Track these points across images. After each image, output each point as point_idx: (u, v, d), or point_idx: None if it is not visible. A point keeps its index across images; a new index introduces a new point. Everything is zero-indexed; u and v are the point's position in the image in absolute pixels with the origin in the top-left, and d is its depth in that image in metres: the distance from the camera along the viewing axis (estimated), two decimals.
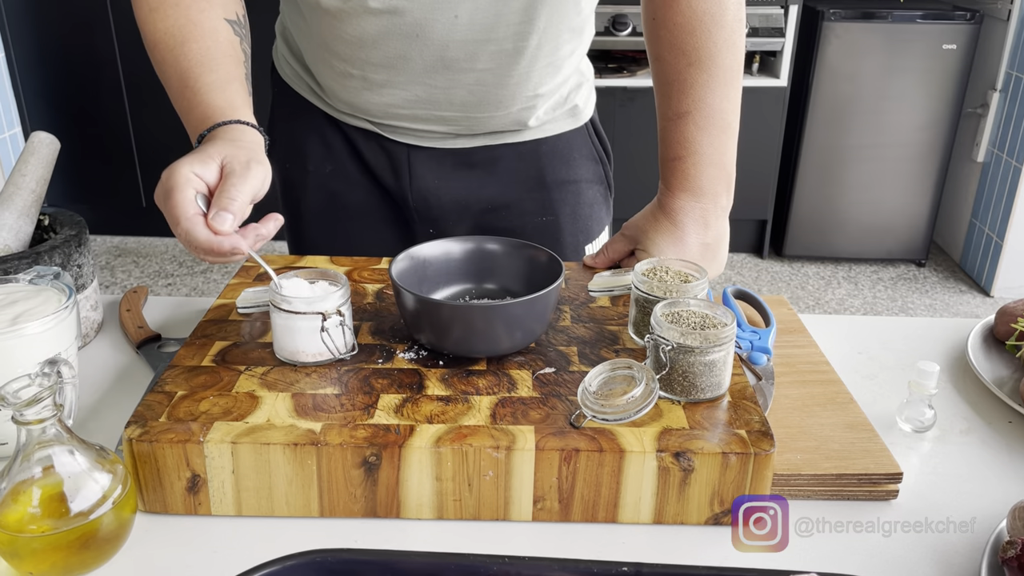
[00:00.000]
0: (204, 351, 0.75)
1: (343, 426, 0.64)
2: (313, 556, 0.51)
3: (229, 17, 0.85)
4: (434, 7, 0.87)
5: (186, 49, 0.81)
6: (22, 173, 0.88)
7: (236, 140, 0.74)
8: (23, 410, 0.55)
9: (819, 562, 0.62)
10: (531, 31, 0.90)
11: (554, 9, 0.90)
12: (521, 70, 0.94)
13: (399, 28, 0.89)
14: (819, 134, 3.11)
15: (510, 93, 0.95)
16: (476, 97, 0.95)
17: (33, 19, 3.07)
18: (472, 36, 0.89)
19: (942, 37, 2.95)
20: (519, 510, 0.65)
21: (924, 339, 0.94)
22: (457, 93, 0.94)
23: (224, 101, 0.78)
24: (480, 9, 0.88)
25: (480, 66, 0.92)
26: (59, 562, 0.57)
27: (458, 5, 0.87)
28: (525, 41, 0.91)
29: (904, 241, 3.26)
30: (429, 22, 0.88)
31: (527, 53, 0.92)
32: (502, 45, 0.91)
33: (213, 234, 0.67)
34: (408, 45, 0.90)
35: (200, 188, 0.69)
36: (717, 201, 0.89)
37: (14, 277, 0.74)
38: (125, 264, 3.23)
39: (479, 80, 0.93)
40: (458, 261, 0.84)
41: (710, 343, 0.67)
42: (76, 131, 3.19)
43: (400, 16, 0.88)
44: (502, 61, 0.92)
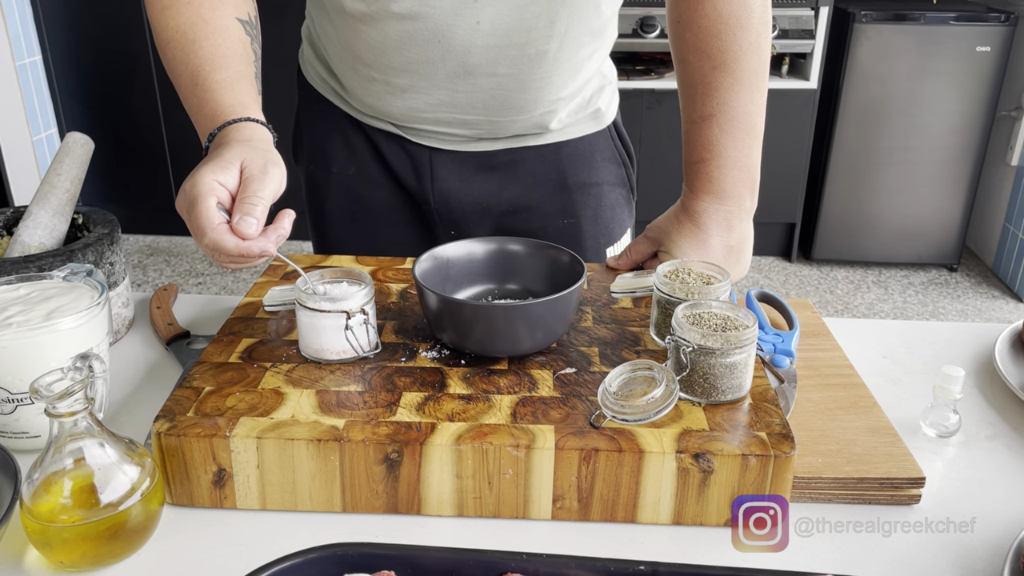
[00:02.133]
0: (231, 348, 0.76)
1: (366, 423, 0.65)
2: (335, 549, 0.52)
3: (241, 17, 0.85)
4: (456, 13, 0.88)
5: (197, 47, 0.81)
6: (57, 172, 0.90)
7: (249, 140, 0.74)
8: (56, 403, 0.57)
9: (842, 565, 0.62)
10: (551, 35, 0.91)
11: (574, 12, 0.91)
12: (542, 74, 0.94)
13: (421, 33, 0.89)
14: (849, 137, 3.08)
15: (531, 97, 0.96)
16: (498, 101, 0.95)
17: (68, 22, 3.13)
18: (494, 41, 0.90)
19: (976, 39, 2.91)
20: (538, 509, 0.65)
21: (951, 344, 0.93)
22: (479, 97, 0.95)
23: (234, 99, 0.79)
24: (502, 15, 0.88)
25: (501, 71, 0.92)
26: (88, 552, 0.59)
27: (480, 11, 0.88)
28: (546, 45, 0.92)
29: (936, 245, 3.22)
30: (451, 28, 0.89)
31: (548, 57, 0.93)
32: (523, 50, 0.91)
33: (241, 240, 0.67)
34: (430, 50, 0.91)
35: (223, 196, 0.69)
36: (741, 204, 0.89)
37: (48, 274, 0.76)
38: (157, 263, 3.28)
39: (500, 84, 0.94)
40: (481, 261, 0.84)
41: (731, 345, 0.67)
42: (110, 132, 3.24)
43: (422, 21, 0.89)
44: (523, 66, 0.93)
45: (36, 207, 0.89)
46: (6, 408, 0.69)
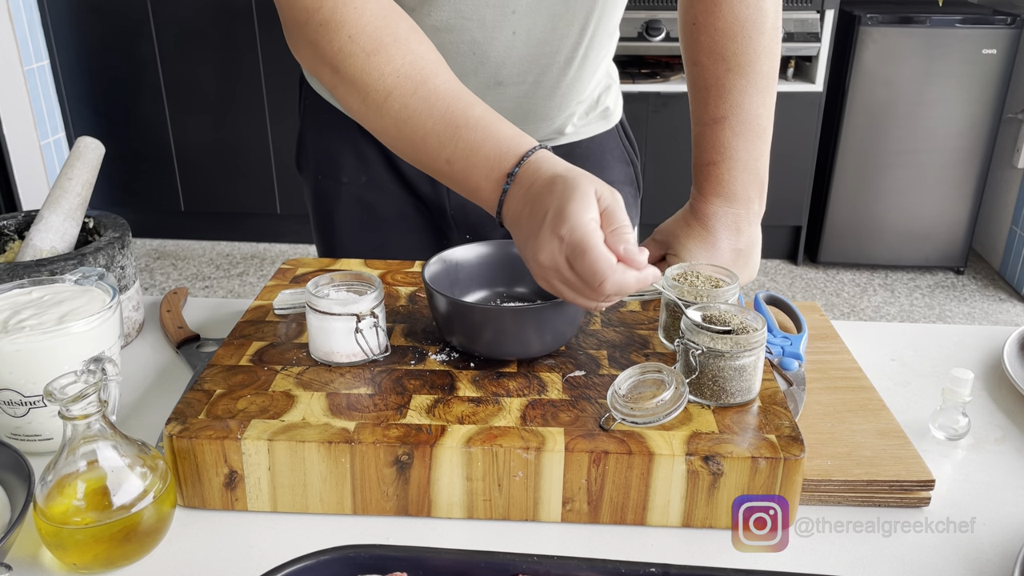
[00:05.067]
0: (242, 351, 0.77)
1: (376, 425, 0.66)
2: (346, 552, 0.52)
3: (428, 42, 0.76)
4: (494, 25, 0.87)
5: (433, 87, 0.71)
6: (68, 177, 0.91)
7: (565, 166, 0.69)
8: (69, 406, 0.57)
9: (852, 568, 0.62)
10: (581, 41, 0.91)
11: (603, 16, 0.91)
12: (568, 80, 0.94)
13: (456, 46, 0.88)
14: (855, 140, 3.08)
15: (556, 104, 0.96)
16: (523, 110, 0.95)
17: (76, 27, 3.15)
18: (528, 51, 0.89)
19: (982, 42, 2.91)
20: (548, 511, 0.65)
21: (959, 346, 0.93)
22: (505, 107, 0.94)
23: (510, 130, 0.71)
24: (537, 25, 0.88)
25: (530, 79, 0.92)
26: (101, 554, 0.59)
27: (517, 22, 0.87)
28: (575, 51, 0.91)
29: (942, 248, 3.21)
30: (488, 40, 0.88)
31: (575, 63, 0.93)
32: (554, 58, 0.91)
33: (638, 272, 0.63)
34: (464, 63, 0.89)
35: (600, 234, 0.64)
36: (750, 207, 0.89)
37: (60, 277, 0.77)
38: (164, 267, 3.29)
39: (527, 93, 0.93)
40: (490, 264, 0.85)
41: (740, 348, 0.67)
42: (117, 136, 3.26)
43: (458, 34, 0.87)
44: (552, 73, 0.92)
45: (47, 211, 0.89)
46: (19, 411, 0.69)
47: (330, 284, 0.77)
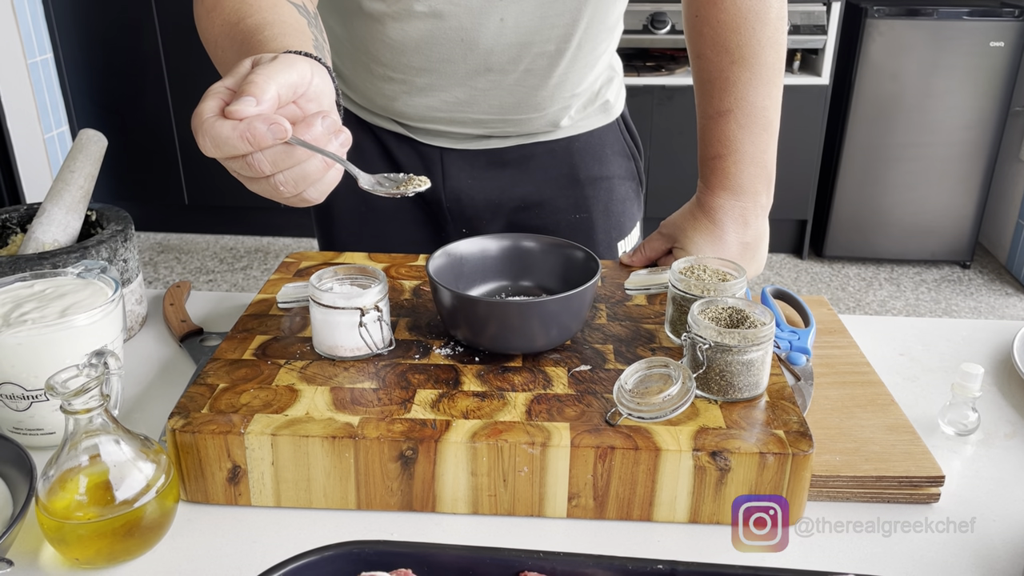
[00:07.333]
0: (245, 345, 0.76)
1: (380, 420, 0.65)
2: (350, 547, 0.52)
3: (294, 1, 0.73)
4: (481, 11, 0.87)
5: (242, 26, 0.69)
6: (71, 169, 0.90)
7: None
8: (71, 400, 0.57)
9: (861, 564, 0.61)
10: (574, 32, 0.90)
11: (597, 8, 0.90)
12: (560, 71, 0.94)
13: (444, 32, 0.89)
14: (861, 133, 3.06)
15: (548, 95, 0.95)
16: (515, 99, 0.95)
17: (79, 20, 3.14)
18: (517, 39, 0.89)
19: (989, 34, 2.89)
20: (554, 507, 0.65)
21: (968, 341, 0.92)
22: (496, 95, 0.94)
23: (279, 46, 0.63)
24: (526, 12, 0.88)
25: (522, 68, 0.92)
26: (104, 549, 0.59)
27: (504, 8, 0.87)
28: (567, 42, 0.91)
29: (948, 242, 3.20)
30: (476, 26, 0.88)
31: (567, 54, 0.92)
32: (544, 47, 0.91)
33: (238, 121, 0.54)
34: (452, 49, 0.90)
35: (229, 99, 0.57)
36: (757, 200, 0.89)
37: (63, 271, 0.76)
38: (167, 260, 3.29)
39: (519, 82, 0.93)
40: (495, 258, 0.84)
41: (748, 342, 0.67)
42: (121, 130, 3.25)
43: (446, 20, 0.88)
44: (543, 63, 0.92)
45: (50, 204, 0.89)
46: (21, 405, 0.69)
47: (334, 278, 0.76)
